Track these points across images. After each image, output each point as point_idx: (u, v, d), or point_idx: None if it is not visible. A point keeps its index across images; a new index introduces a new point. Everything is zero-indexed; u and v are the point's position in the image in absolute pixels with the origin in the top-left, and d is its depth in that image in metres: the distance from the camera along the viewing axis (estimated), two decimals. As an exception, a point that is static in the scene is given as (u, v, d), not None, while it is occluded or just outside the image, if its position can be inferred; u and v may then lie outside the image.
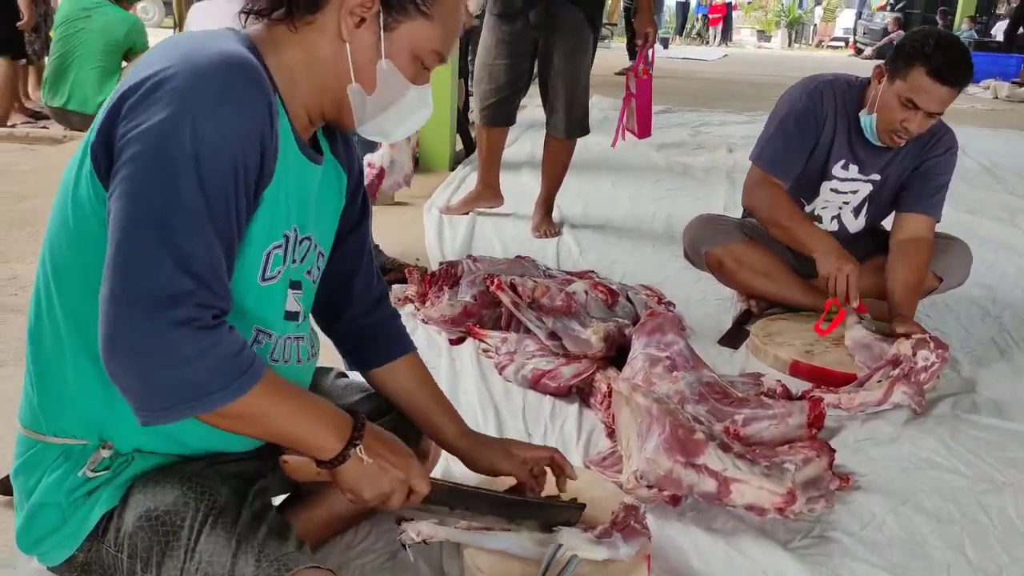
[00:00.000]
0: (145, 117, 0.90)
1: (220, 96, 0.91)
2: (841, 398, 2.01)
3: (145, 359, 0.88)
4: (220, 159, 0.90)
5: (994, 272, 3.17)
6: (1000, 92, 10.09)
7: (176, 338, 0.88)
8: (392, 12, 1.05)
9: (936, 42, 2.19)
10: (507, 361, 2.15)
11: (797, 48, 21.09)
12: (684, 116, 6.85)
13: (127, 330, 0.87)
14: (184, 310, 0.88)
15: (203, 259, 0.90)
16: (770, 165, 2.46)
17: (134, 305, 0.87)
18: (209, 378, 0.90)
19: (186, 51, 0.94)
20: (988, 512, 1.65)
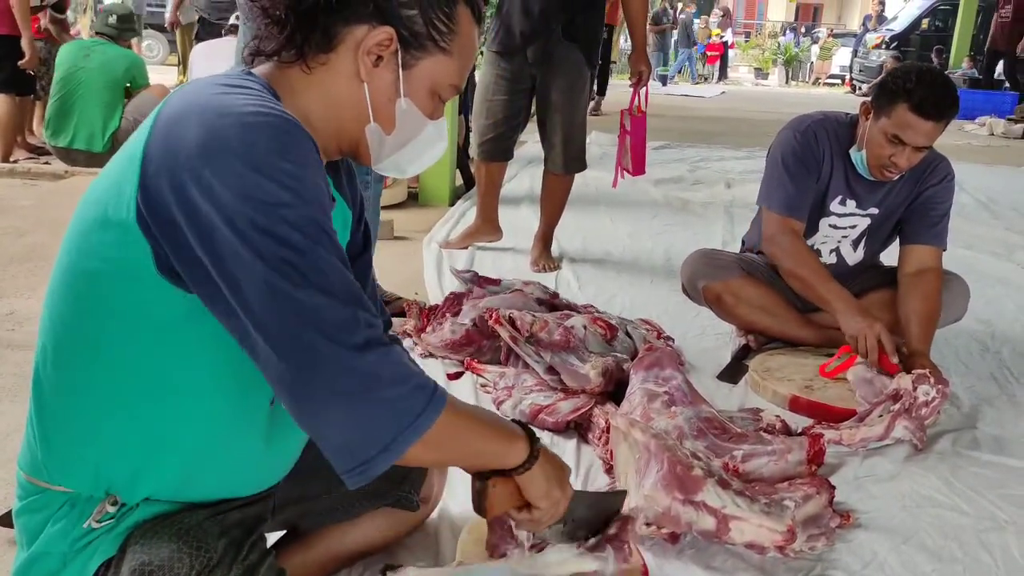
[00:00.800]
0: (219, 190, 0.87)
1: (284, 149, 0.90)
2: (842, 434, 1.99)
3: (348, 398, 0.89)
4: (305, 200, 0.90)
5: (992, 307, 3.17)
6: (996, 129, 10.16)
7: (367, 363, 0.88)
8: (411, 50, 1.04)
9: (918, 77, 2.21)
10: (505, 396, 2.14)
11: (794, 85, 21.30)
12: (683, 152, 6.90)
13: (318, 383, 0.88)
14: (359, 335, 0.89)
15: (357, 292, 0.91)
16: (785, 208, 2.46)
17: (315, 350, 0.87)
18: (412, 396, 0.91)
19: (223, 105, 0.92)
20: (991, 551, 1.63)
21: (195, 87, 0.98)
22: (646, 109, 3.46)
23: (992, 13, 16.17)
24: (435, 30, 1.04)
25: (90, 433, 1.02)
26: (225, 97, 0.94)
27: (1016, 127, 10.05)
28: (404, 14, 1.02)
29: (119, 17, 5.20)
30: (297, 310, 0.87)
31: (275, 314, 0.87)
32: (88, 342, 0.99)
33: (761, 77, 22.21)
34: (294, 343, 0.87)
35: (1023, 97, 11.58)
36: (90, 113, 4.94)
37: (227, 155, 0.88)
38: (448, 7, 1.05)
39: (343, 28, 1.02)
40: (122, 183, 0.93)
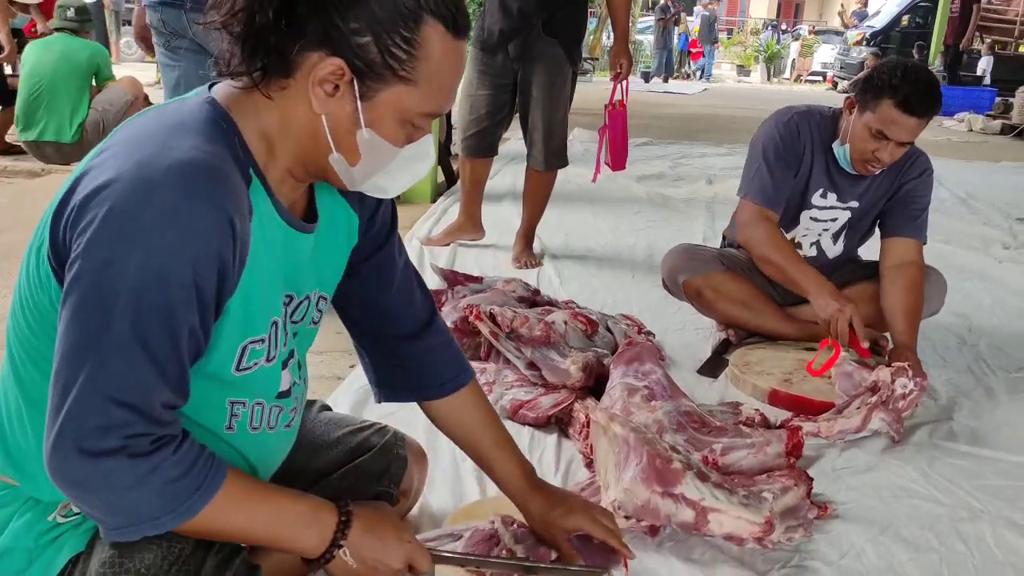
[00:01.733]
0: (89, 239, 0.86)
1: (168, 219, 0.85)
2: (820, 426, 2.01)
3: (84, 489, 0.88)
4: (162, 288, 0.86)
5: (970, 301, 3.20)
6: (974, 125, 10.25)
7: (109, 468, 0.87)
8: (366, 80, 0.95)
9: (903, 74, 2.23)
10: (485, 392, 2.13)
11: (776, 82, 21.41)
12: (665, 148, 6.92)
13: (63, 461, 0.87)
14: (114, 440, 0.86)
15: (136, 390, 0.87)
16: (762, 198, 2.47)
17: (67, 438, 0.86)
18: (154, 503, 0.90)
19: (141, 157, 0.88)
20: (966, 541, 1.65)
21: (145, 123, 0.96)
22: (627, 102, 3.45)
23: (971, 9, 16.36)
24: (392, 58, 0.95)
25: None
26: (153, 147, 0.90)
27: (994, 123, 10.15)
28: (356, 42, 0.93)
29: (76, 10, 5.18)
30: (75, 392, 0.86)
31: (63, 381, 0.87)
32: (42, 358, 0.97)
33: (743, 74, 22.32)
34: (57, 418, 0.87)
35: (1002, 92, 11.68)
36: (57, 104, 4.89)
37: (120, 211, 0.86)
38: (409, 31, 0.94)
39: (298, 55, 0.95)
40: (49, 211, 0.93)
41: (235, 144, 0.96)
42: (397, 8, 0.94)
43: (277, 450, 1.19)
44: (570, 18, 3.22)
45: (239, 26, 0.95)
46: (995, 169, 6.97)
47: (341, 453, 1.40)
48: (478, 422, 1.34)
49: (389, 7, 0.93)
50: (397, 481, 1.43)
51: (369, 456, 1.41)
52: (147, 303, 0.86)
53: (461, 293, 2.70)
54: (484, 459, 1.35)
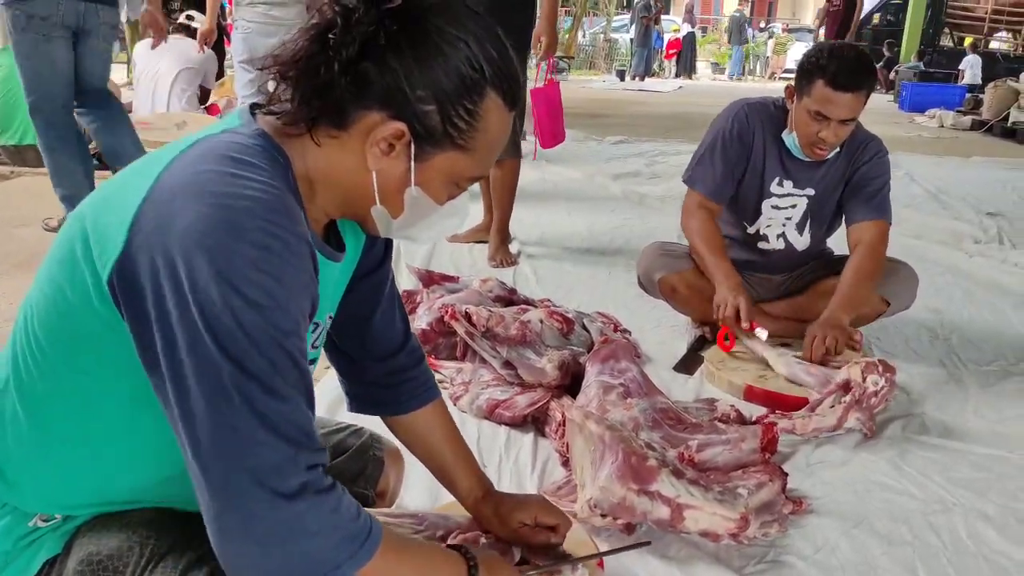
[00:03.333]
0: (188, 287, 0.82)
1: (266, 255, 0.84)
2: (796, 423, 2.02)
3: (265, 546, 0.83)
4: (277, 319, 0.85)
5: (941, 295, 3.24)
6: (945, 121, 10.38)
7: (294, 512, 0.83)
8: (424, 145, 0.96)
9: (830, 53, 2.30)
10: (462, 391, 2.13)
11: (751, 79, 21.55)
12: (640, 146, 6.94)
13: (240, 519, 0.83)
14: (292, 480, 0.83)
15: (294, 420, 0.85)
16: (704, 187, 2.54)
17: (240, 489, 0.82)
18: (336, 548, 0.87)
19: (217, 196, 0.85)
20: (939, 533, 1.67)
21: (203, 150, 0.92)
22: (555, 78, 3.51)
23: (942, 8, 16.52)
24: (453, 128, 0.96)
25: (44, 460, 0.99)
26: (227, 181, 0.87)
27: (965, 119, 10.27)
28: (420, 109, 0.95)
29: None
30: (230, 441, 0.83)
31: (208, 435, 0.83)
32: (60, 373, 0.95)
33: (718, 71, 22.46)
34: (223, 477, 0.83)
35: (972, 89, 11.81)
36: None
37: (210, 257, 0.83)
38: (472, 103, 0.96)
39: (357, 111, 0.95)
40: (109, 234, 0.88)
41: (289, 177, 0.96)
42: (463, 80, 0.95)
43: None
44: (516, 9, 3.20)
45: (299, 75, 0.95)
46: (966, 164, 7.06)
47: (318, 455, 1.39)
48: (441, 437, 1.35)
49: (455, 78, 0.95)
50: (374, 483, 1.43)
51: (345, 458, 1.40)
52: (268, 338, 0.84)
53: (437, 293, 2.70)
54: (445, 473, 1.35)
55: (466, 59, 0.95)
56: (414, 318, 2.43)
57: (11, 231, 3.63)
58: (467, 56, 0.95)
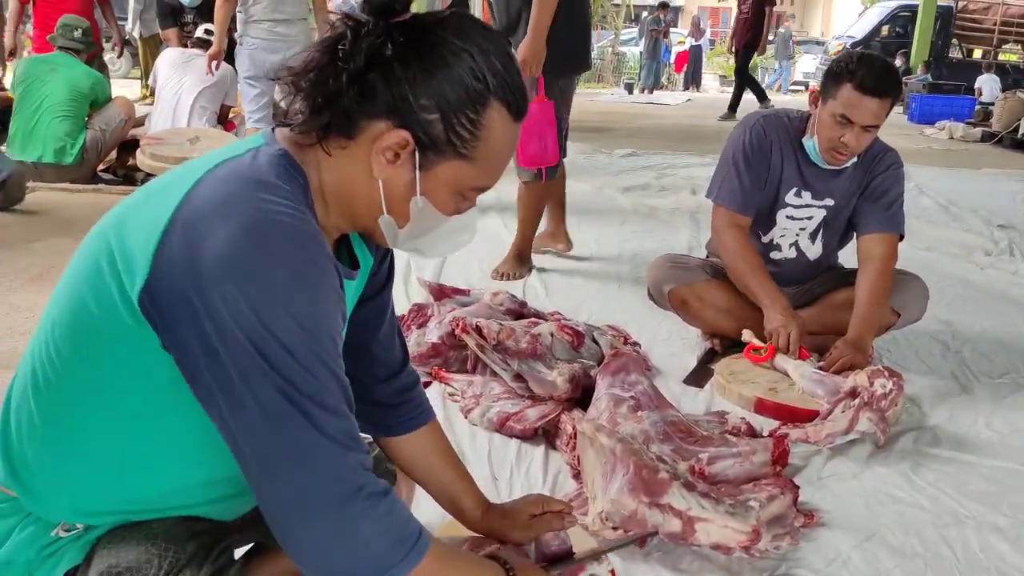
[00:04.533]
0: (227, 313, 0.86)
1: (301, 278, 0.89)
2: (808, 432, 2.02)
3: (327, 545, 0.89)
4: (318, 339, 0.89)
5: (952, 308, 3.23)
6: (955, 133, 10.35)
7: (352, 514, 0.89)
8: (428, 153, 0.99)
9: (859, 59, 2.35)
10: (473, 404, 2.14)
11: (759, 92, 21.58)
12: (649, 159, 6.95)
13: (300, 525, 0.89)
14: (349, 483, 0.89)
15: (342, 428, 0.90)
16: (732, 203, 2.54)
17: (304, 496, 0.88)
18: (391, 550, 0.91)
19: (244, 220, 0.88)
20: (951, 546, 1.66)
21: (229, 171, 0.94)
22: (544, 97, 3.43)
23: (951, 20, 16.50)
24: (456, 136, 0.99)
25: (64, 469, 1.00)
26: (257, 205, 0.90)
27: (975, 130, 10.25)
28: (423, 117, 0.97)
29: (83, 31, 5.16)
30: (293, 452, 0.88)
31: (271, 449, 0.88)
32: (80, 381, 0.96)
33: (726, 84, 22.47)
34: (285, 483, 0.88)
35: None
36: (57, 128, 4.86)
37: (247, 285, 0.86)
38: (475, 112, 0.99)
39: (364, 120, 0.98)
40: (135, 256, 0.90)
41: (308, 197, 0.99)
42: (467, 90, 0.98)
43: None
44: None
45: (309, 86, 0.99)
46: (976, 176, 7.04)
47: (331, 469, 1.41)
48: (441, 457, 1.36)
49: (459, 88, 0.98)
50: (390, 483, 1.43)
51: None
52: (312, 356, 0.89)
53: (448, 306, 2.71)
54: (447, 492, 1.36)
55: (470, 70, 0.98)
56: (425, 331, 2.44)
57: (26, 246, 3.67)
58: (471, 67, 0.98)
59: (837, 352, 2.31)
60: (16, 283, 3.13)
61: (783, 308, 2.41)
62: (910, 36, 16.28)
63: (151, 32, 7.97)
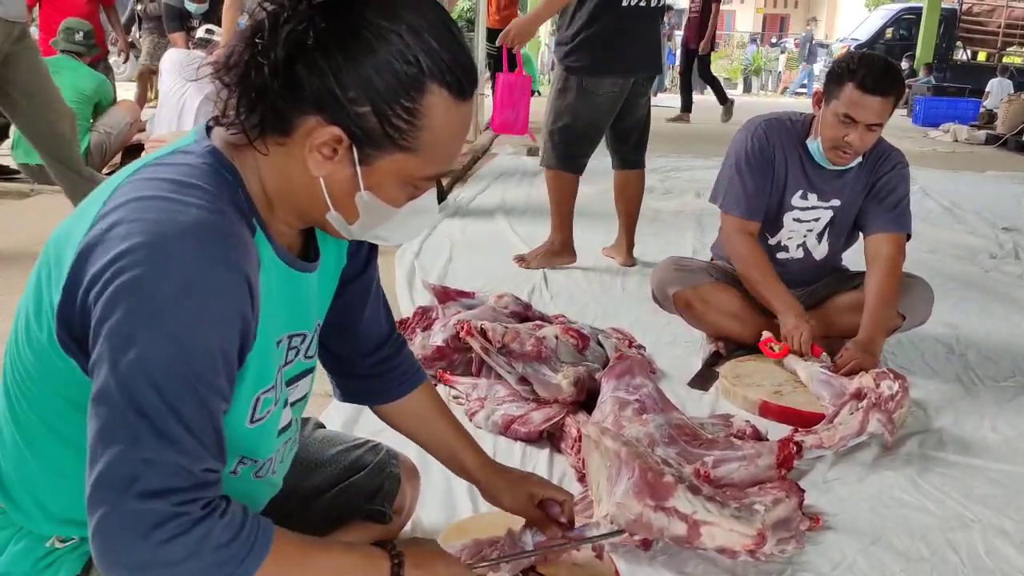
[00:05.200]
0: (108, 317, 0.83)
1: (187, 287, 0.83)
2: (822, 437, 1.99)
3: (140, 570, 0.83)
4: (188, 358, 0.84)
5: (957, 311, 3.22)
6: (959, 135, 10.35)
7: (162, 539, 0.82)
8: (365, 148, 0.92)
9: (860, 59, 2.37)
10: (477, 407, 2.14)
11: (763, 95, 21.57)
12: (653, 162, 6.87)
13: (113, 548, 0.83)
14: (163, 510, 0.82)
15: (177, 458, 0.83)
16: (738, 209, 2.55)
17: (113, 519, 0.82)
18: (208, 572, 0.85)
19: (152, 224, 0.85)
20: (958, 550, 1.66)
21: (145, 180, 0.91)
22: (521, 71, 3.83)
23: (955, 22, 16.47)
24: (392, 128, 0.91)
25: (44, 486, 1.00)
26: (161, 207, 0.87)
27: (979, 133, 10.24)
28: (354, 111, 0.90)
29: (85, 34, 5.17)
30: (111, 472, 0.82)
31: (95, 461, 0.83)
32: (40, 403, 0.96)
33: (730, 87, 22.48)
34: (98, 501, 0.82)
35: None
36: None
37: (129, 291, 0.83)
38: (410, 100, 0.91)
39: (296, 116, 0.92)
40: (59, 262, 0.90)
41: (239, 195, 0.95)
42: (397, 78, 0.90)
43: (274, 485, 1.20)
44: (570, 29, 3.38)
45: (233, 80, 0.93)
46: (980, 179, 7.04)
47: (335, 472, 1.41)
48: (438, 415, 1.37)
49: (388, 77, 0.90)
50: (391, 499, 1.44)
51: (363, 474, 1.41)
52: (174, 375, 0.83)
53: (453, 309, 2.70)
54: (450, 449, 1.37)
55: (399, 53, 0.89)
56: (430, 334, 2.44)
57: (29, 248, 3.67)
58: (399, 50, 0.89)
59: (848, 354, 2.31)
60: (20, 286, 3.13)
61: (796, 314, 2.44)
62: (914, 39, 16.29)
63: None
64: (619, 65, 3.36)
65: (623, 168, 3.69)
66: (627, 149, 3.64)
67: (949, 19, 16.39)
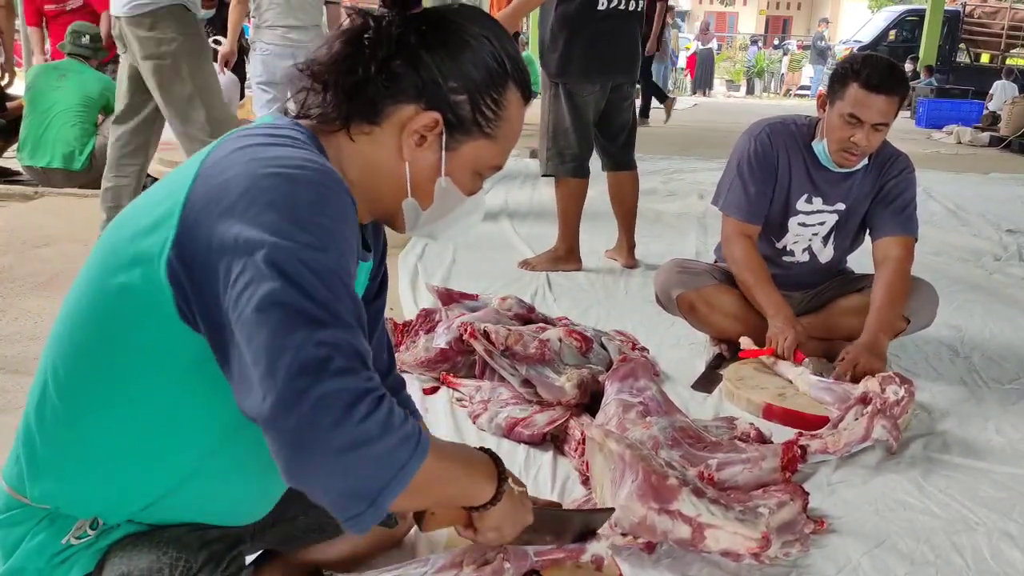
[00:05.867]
0: (261, 230, 0.87)
1: (323, 198, 0.91)
2: (827, 442, 1.98)
3: (337, 455, 0.85)
4: (337, 251, 0.90)
5: (962, 313, 3.22)
6: (963, 137, 10.34)
7: (359, 417, 0.85)
8: (455, 133, 1.06)
9: (863, 59, 2.38)
10: (481, 410, 2.14)
11: (766, 96, 21.57)
12: (656, 164, 6.96)
13: (310, 440, 0.84)
14: (354, 390, 0.85)
15: (350, 342, 0.87)
16: (739, 212, 2.55)
17: (309, 406, 0.83)
18: (399, 448, 0.88)
19: (272, 159, 0.93)
20: (962, 553, 1.65)
21: (242, 134, 1.00)
22: None
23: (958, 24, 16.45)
24: (482, 116, 1.06)
25: (88, 461, 1.01)
26: (271, 148, 0.95)
27: (983, 135, 10.23)
28: (453, 99, 1.05)
29: (91, 37, 5.19)
30: (301, 362, 0.84)
31: (281, 364, 0.84)
32: (102, 372, 0.98)
33: (733, 89, 22.49)
34: (294, 397, 0.84)
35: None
36: (67, 133, 4.88)
37: (269, 206, 0.88)
38: (497, 93, 1.07)
39: (391, 105, 1.04)
40: (159, 223, 0.93)
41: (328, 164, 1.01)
42: (490, 73, 1.06)
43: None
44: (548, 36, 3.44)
45: (336, 76, 1.04)
46: (984, 181, 7.03)
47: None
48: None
49: (483, 71, 1.05)
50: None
51: None
52: (331, 266, 0.89)
53: (456, 311, 2.70)
54: None
55: (491, 53, 1.06)
56: (433, 336, 2.44)
57: (34, 251, 3.68)
58: (491, 51, 1.06)
59: (851, 356, 2.30)
60: (25, 287, 3.14)
61: (785, 318, 2.44)
62: (918, 41, 16.26)
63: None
64: (599, 68, 3.42)
65: (615, 170, 3.71)
66: (616, 150, 3.65)
67: (952, 21, 16.37)
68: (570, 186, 3.56)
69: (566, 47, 3.38)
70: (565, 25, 3.36)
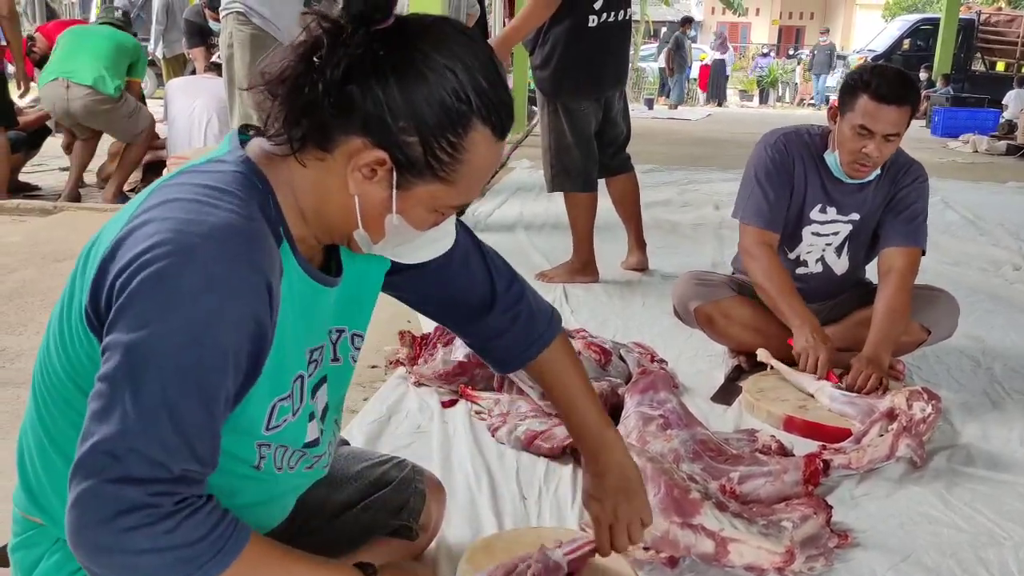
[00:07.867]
0: (129, 305, 0.85)
1: (208, 283, 0.85)
2: (851, 458, 1.95)
3: (101, 552, 0.84)
4: (198, 353, 0.85)
5: (982, 323, 3.19)
6: (979, 146, 10.27)
7: (127, 526, 0.83)
8: (405, 174, 0.96)
9: (872, 70, 2.38)
10: (500, 423, 2.13)
11: (779, 106, 21.53)
12: (671, 175, 6.95)
13: (83, 525, 0.84)
14: (133, 499, 0.83)
15: (161, 451, 0.84)
16: (759, 220, 2.53)
17: (88, 501, 0.83)
18: (170, 567, 0.85)
19: (180, 223, 0.88)
20: (989, 567, 1.63)
21: (179, 185, 0.94)
22: None
23: (973, 32, 16.38)
24: (435, 160, 0.96)
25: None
26: (193, 210, 0.89)
27: (999, 143, 10.15)
28: (403, 140, 0.94)
29: (124, 13, 5.36)
30: (99, 448, 0.83)
31: (87, 436, 0.84)
32: (69, 390, 0.97)
33: (746, 99, 22.46)
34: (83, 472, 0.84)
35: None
36: (99, 61, 4.86)
37: (156, 282, 0.85)
38: (456, 135, 0.95)
39: (340, 135, 0.95)
40: (92, 260, 0.93)
41: (268, 204, 0.97)
42: (448, 114, 0.94)
43: (297, 486, 1.20)
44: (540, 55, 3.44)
45: (285, 93, 0.96)
46: (1001, 190, 6.98)
47: (361, 487, 1.41)
48: (568, 372, 1.35)
49: (439, 112, 0.94)
50: (416, 515, 1.43)
51: (388, 490, 1.41)
52: (181, 368, 0.84)
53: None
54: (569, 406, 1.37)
55: (452, 90, 0.93)
56: (451, 349, 2.44)
57: (54, 265, 3.71)
58: (453, 87, 0.94)
59: (855, 370, 2.28)
60: (46, 302, 3.17)
61: (813, 329, 2.39)
62: (932, 49, 16.19)
63: (174, 53, 8.06)
64: (592, 82, 3.43)
65: (614, 175, 3.72)
66: (607, 159, 3.66)
67: (967, 29, 16.30)
68: (580, 200, 3.55)
69: (559, 64, 3.38)
70: (557, 43, 3.36)
